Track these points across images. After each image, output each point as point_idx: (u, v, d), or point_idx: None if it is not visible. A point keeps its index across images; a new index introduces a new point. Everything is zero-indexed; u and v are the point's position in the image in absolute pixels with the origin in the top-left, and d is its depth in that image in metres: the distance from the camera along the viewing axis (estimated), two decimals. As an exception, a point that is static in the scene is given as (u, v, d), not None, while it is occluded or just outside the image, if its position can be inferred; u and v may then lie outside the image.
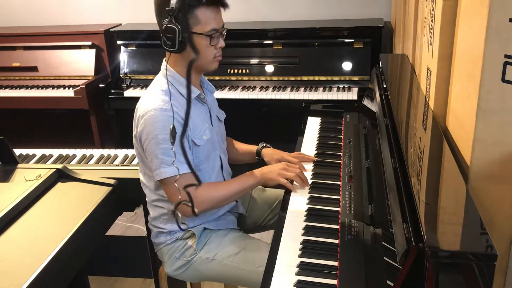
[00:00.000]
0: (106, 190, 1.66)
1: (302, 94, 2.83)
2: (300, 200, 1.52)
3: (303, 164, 1.73)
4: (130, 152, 2.16)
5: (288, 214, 1.46)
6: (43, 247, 1.34)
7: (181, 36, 1.38)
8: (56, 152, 2.22)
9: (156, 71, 1.57)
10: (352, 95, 2.77)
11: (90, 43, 3.22)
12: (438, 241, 0.85)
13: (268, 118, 3.18)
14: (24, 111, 3.45)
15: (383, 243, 1.14)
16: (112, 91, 3.09)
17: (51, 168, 1.72)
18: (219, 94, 2.87)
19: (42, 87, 3.20)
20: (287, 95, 2.84)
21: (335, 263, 1.22)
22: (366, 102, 2.07)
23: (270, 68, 3.00)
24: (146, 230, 2.32)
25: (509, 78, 0.98)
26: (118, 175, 1.80)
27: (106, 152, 2.19)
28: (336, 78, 2.91)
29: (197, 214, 1.55)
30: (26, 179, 1.66)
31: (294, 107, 2.84)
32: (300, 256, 1.26)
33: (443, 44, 1.30)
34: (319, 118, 2.18)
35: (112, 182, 1.70)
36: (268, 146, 1.83)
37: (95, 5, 3.51)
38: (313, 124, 2.13)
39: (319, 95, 2.80)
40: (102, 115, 3.19)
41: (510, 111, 1.01)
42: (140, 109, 1.48)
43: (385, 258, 1.08)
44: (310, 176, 1.66)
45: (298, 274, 1.20)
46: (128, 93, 3.06)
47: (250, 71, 3.02)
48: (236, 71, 3.03)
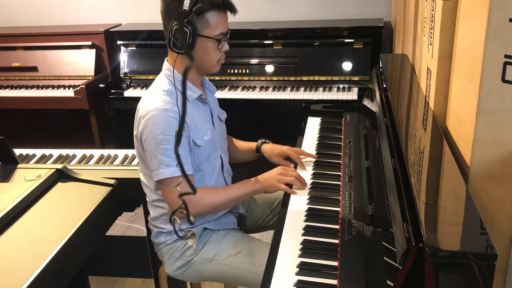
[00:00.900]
0: (106, 190, 1.66)
1: (302, 94, 2.83)
2: (300, 200, 1.52)
3: (303, 161, 1.73)
4: (130, 152, 2.16)
5: (288, 214, 1.46)
6: (43, 247, 1.34)
7: (191, 38, 1.39)
8: (56, 152, 2.22)
9: (156, 71, 1.57)
10: (352, 95, 2.77)
11: (90, 43, 3.22)
12: (438, 241, 0.85)
13: (268, 118, 3.18)
14: (24, 111, 3.44)
15: (383, 243, 1.14)
16: (112, 91, 3.09)
17: (51, 168, 1.72)
18: (219, 94, 2.87)
19: (42, 87, 3.20)
20: (287, 95, 2.84)
21: (335, 263, 1.22)
22: (366, 102, 2.07)
23: (270, 68, 3.00)
24: (146, 230, 2.32)
25: (509, 78, 0.98)
26: (118, 175, 1.80)
27: (106, 152, 2.19)
28: (336, 78, 2.91)
29: (192, 222, 1.54)
30: (26, 179, 1.66)
31: (294, 107, 2.83)
32: (300, 256, 1.26)
33: (443, 44, 1.30)
34: (319, 118, 2.18)
35: (112, 182, 1.71)
36: (267, 141, 1.83)
37: (95, 5, 3.51)
38: (313, 124, 2.13)
39: (319, 95, 2.80)
40: (102, 115, 3.19)
41: (510, 111, 1.01)
42: (141, 109, 1.48)
43: (385, 258, 1.08)
44: (310, 176, 1.66)
45: (298, 274, 1.20)
46: (128, 93, 3.06)
47: (250, 71, 3.02)
48: (236, 71, 3.03)
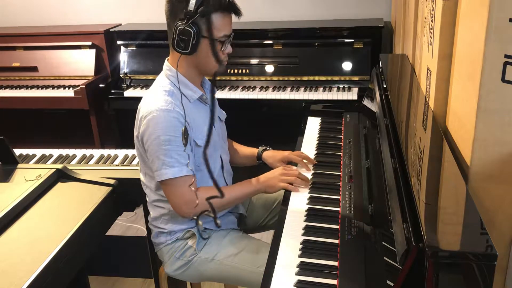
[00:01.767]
0: (106, 190, 1.66)
1: (302, 94, 2.83)
2: (300, 200, 1.52)
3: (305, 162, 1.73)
4: (130, 152, 2.16)
5: (288, 214, 1.46)
6: (43, 247, 1.34)
7: (195, 39, 1.39)
8: (56, 152, 2.22)
9: (156, 71, 1.57)
10: (352, 95, 2.77)
11: (90, 43, 3.22)
12: (438, 241, 0.85)
13: (268, 118, 3.18)
14: (24, 111, 3.44)
15: (383, 243, 1.14)
16: (112, 91, 3.09)
17: (51, 168, 1.72)
18: (219, 94, 2.87)
19: (42, 87, 3.20)
20: (287, 95, 2.84)
21: (335, 263, 1.22)
22: (366, 102, 2.07)
23: (270, 68, 3.00)
24: (146, 230, 2.32)
25: (509, 78, 0.98)
26: (118, 175, 1.80)
27: (106, 152, 2.19)
28: (336, 78, 2.91)
29: (219, 225, 1.58)
30: (26, 179, 1.66)
31: (294, 107, 2.83)
32: (300, 256, 1.26)
33: (443, 44, 1.30)
34: (319, 118, 2.18)
35: (112, 182, 1.70)
36: (268, 148, 1.82)
37: (95, 5, 3.51)
38: (313, 124, 2.13)
39: (319, 95, 2.80)
40: (102, 115, 3.19)
41: (510, 111, 1.01)
42: (142, 109, 1.48)
43: (385, 258, 1.08)
44: (310, 176, 1.66)
45: (298, 274, 1.20)
46: (128, 93, 3.06)
47: (250, 71, 3.02)
48: (236, 71, 3.03)
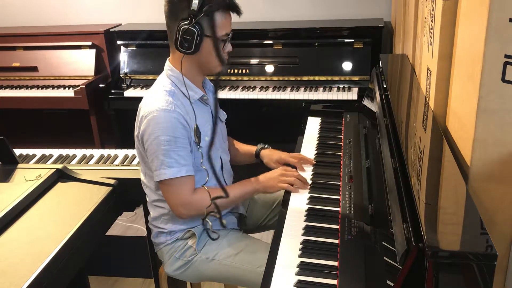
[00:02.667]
0: (106, 190, 1.66)
1: (302, 94, 2.83)
2: (300, 200, 1.52)
3: (302, 165, 1.73)
4: (130, 152, 2.16)
5: (288, 214, 1.46)
6: (43, 247, 1.34)
7: (198, 38, 1.39)
8: (56, 152, 2.22)
9: (156, 71, 1.57)
10: (352, 95, 2.77)
11: (90, 43, 3.22)
12: (438, 241, 0.85)
13: (268, 118, 3.18)
14: (24, 111, 3.45)
15: (383, 243, 1.14)
16: (112, 91, 3.09)
17: (51, 168, 1.72)
18: (219, 94, 2.86)
19: (42, 87, 3.19)
20: (287, 95, 2.84)
21: (335, 263, 1.22)
22: (366, 102, 2.07)
23: (270, 68, 3.00)
24: (146, 230, 2.32)
25: (509, 78, 0.98)
26: (118, 175, 1.80)
27: (106, 152, 2.19)
28: (336, 78, 2.91)
29: (224, 225, 1.58)
30: (26, 179, 1.66)
31: (294, 107, 2.84)
32: (300, 256, 1.26)
33: (443, 44, 1.30)
34: (319, 118, 2.18)
35: (112, 182, 1.70)
36: (267, 147, 1.83)
37: (95, 5, 3.51)
38: (313, 124, 2.13)
39: (319, 95, 2.80)
40: (102, 115, 3.19)
41: (510, 111, 1.01)
42: (143, 109, 1.48)
43: (385, 258, 1.08)
44: (310, 176, 1.66)
45: (298, 274, 1.20)
46: (128, 93, 3.06)
47: (250, 71, 3.02)
48: (236, 71, 3.03)
